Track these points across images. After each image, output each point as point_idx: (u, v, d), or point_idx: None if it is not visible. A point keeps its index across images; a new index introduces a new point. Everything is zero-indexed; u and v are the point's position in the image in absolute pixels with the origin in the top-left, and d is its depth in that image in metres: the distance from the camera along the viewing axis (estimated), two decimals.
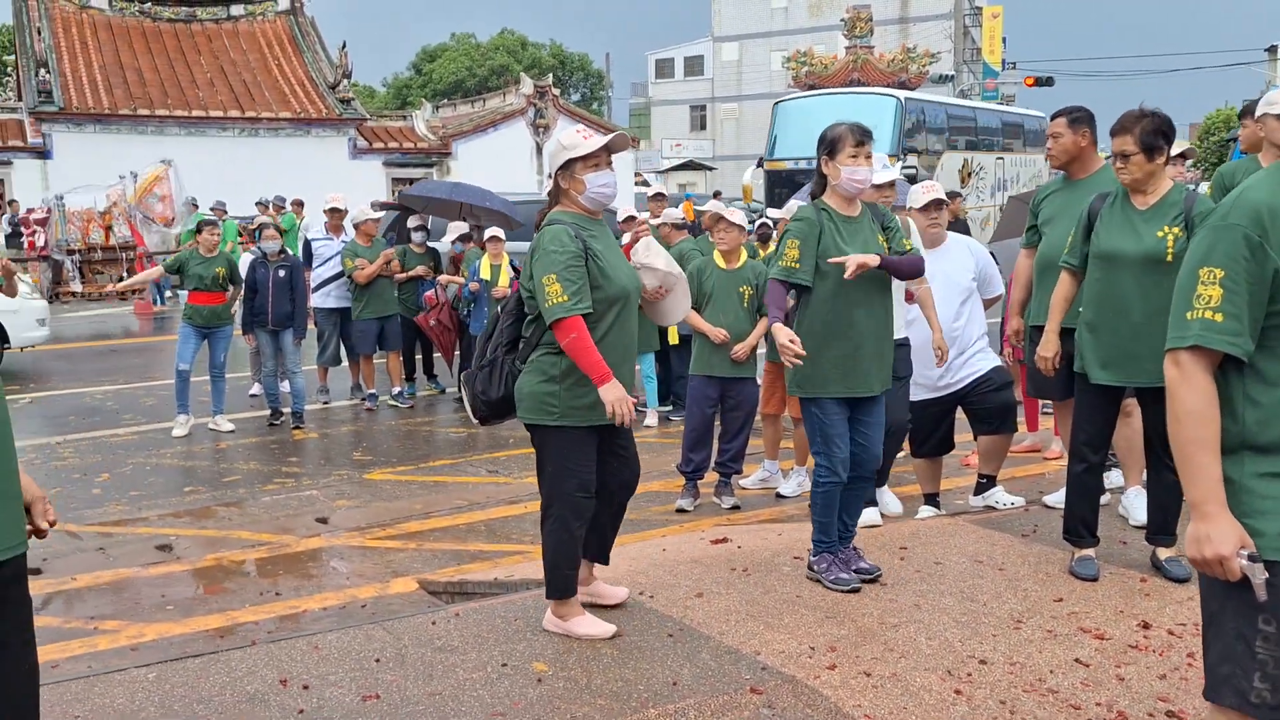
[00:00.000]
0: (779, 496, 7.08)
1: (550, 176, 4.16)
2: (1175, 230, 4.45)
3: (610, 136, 4.18)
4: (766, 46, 57.32)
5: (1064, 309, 4.86)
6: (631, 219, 10.25)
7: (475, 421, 4.37)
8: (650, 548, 5.52)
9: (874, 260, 4.43)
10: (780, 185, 20.51)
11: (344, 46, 27.78)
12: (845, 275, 4.37)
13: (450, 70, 57.86)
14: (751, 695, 3.60)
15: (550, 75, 35.11)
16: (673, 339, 9.46)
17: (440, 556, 6.04)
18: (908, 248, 4.68)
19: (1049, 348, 4.93)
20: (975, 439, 6.24)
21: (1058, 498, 5.59)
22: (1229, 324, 2.24)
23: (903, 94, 21.77)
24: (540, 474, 4.17)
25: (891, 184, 5.65)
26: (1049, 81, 39.91)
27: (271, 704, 3.60)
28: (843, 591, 4.51)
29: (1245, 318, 2.24)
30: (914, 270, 4.71)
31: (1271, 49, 49.01)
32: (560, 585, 4.14)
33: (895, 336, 5.08)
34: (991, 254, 6.63)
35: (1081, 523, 4.74)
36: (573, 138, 4.10)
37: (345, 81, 27.80)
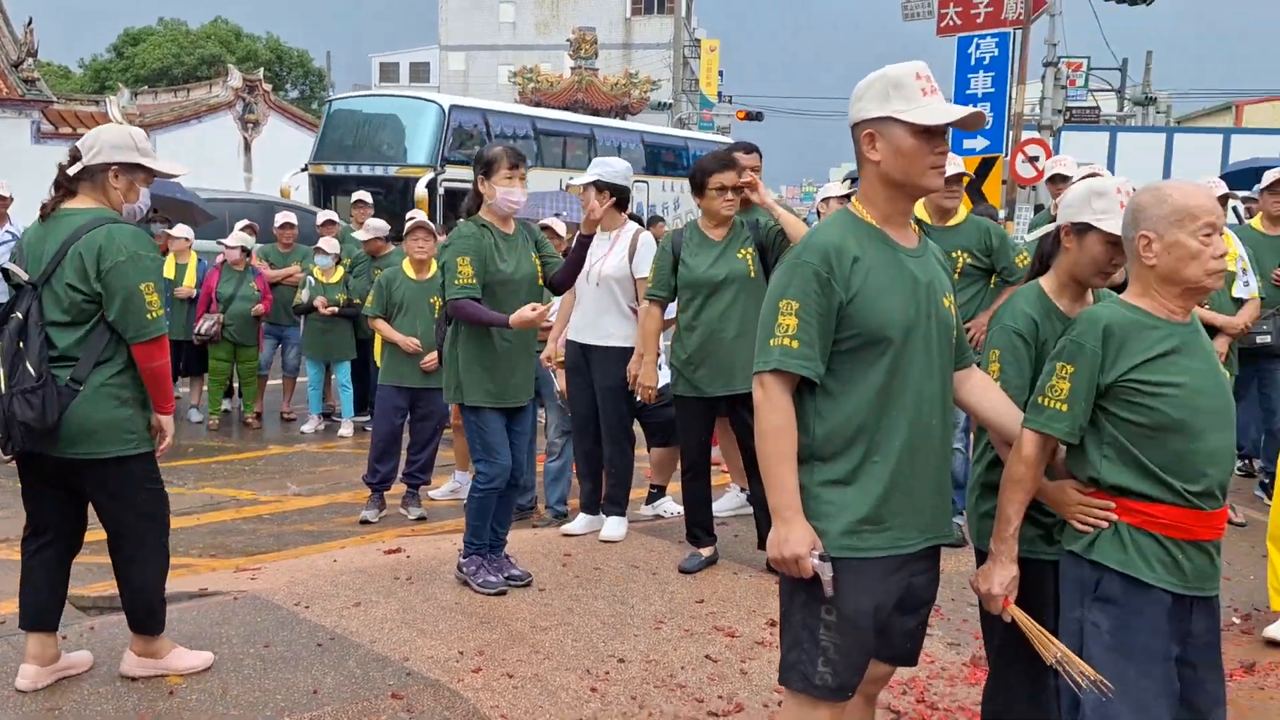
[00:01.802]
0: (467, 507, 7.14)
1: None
2: (750, 250, 4.93)
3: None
4: (494, 60, 57.38)
5: (656, 340, 5.19)
6: (331, 223, 10.08)
7: (4, 456, 3.58)
8: (321, 560, 5.45)
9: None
10: (329, 189, 18.46)
11: (29, 23, 25.68)
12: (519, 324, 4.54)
13: (156, 56, 54.43)
14: (392, 700, 3.65)
15: (263, 70, 33.77)
16: (378, 353, 9.34)
17: (96, 571, 5.71)
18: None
19: (650, 377, 5.18)
20: (649, 450, 6.54)
21: (719, 505, 6.02)
22: (803, 350, 2.51)
23: (450, 101, 20.00)
24: (110, 507, 3.65)
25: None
26: (759, 116, 42.11)
27: None
28: (489, 594, 4.65)
29: (817, 345, 2.52)
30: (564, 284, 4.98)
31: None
32: (163, 617, 3.80)
33: None
34: None
35: (698, 526, 5.18)
36: None
37: (30, 60, 25.68)
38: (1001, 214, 14.45)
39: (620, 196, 5.48)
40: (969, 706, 3.84)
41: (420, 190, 16.85)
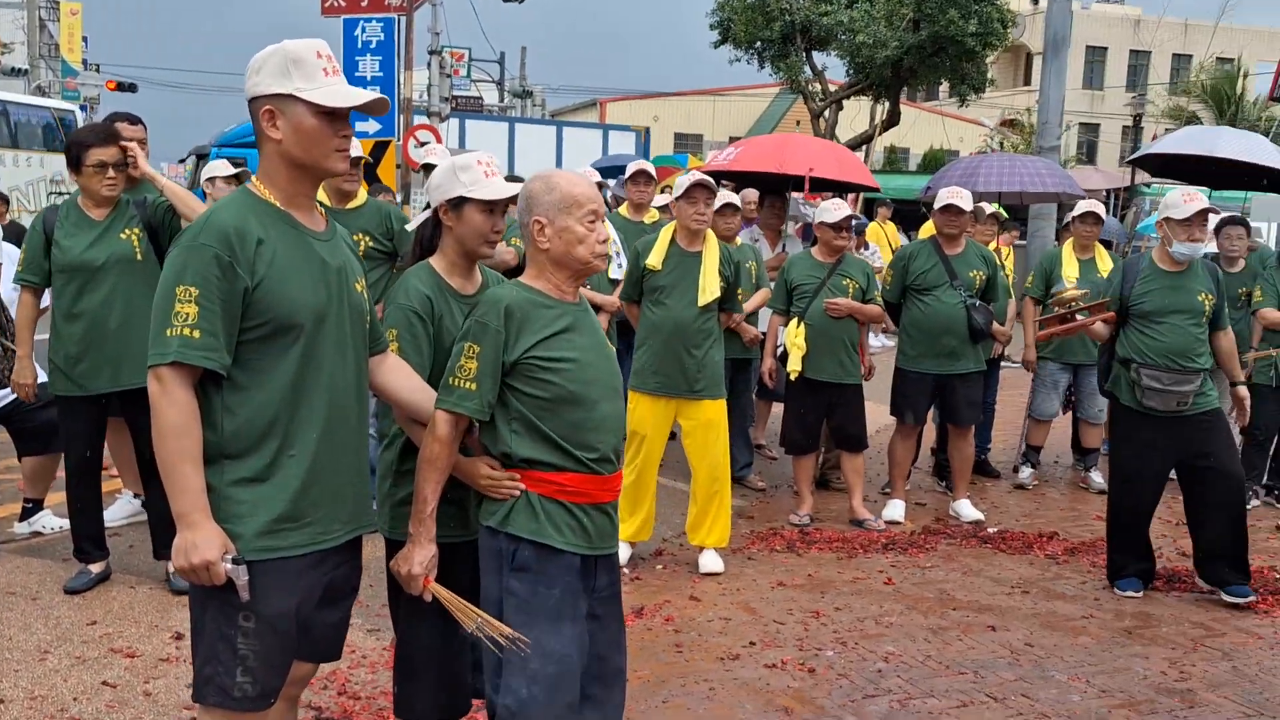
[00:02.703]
0: None
1: None
2: (137, 230, 4.56)
3: None
4: None
5: (31, 332, 4.66)
6: None
7: None
8: None
9: None
10: None
11: None
12: None
13: None
14: None
15: None
16: None
17: None
18: None
19: (26, 374, 4.68)
20: (20, 460, 5.79)
21: (111, 514, 5.49)
22: (205, 340, 2.32)
23: None
24: None
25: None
26: (133, 88, 38.84)
27: None
28: None
29: (221, 334, 2.34)
30: None
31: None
32: None
33: None
34: None
35: (87, 539, 4.72)
36: None
37: None
38: (398, 197, 14.73)
39: None
40: (392, 691, 3.84)
41: None
